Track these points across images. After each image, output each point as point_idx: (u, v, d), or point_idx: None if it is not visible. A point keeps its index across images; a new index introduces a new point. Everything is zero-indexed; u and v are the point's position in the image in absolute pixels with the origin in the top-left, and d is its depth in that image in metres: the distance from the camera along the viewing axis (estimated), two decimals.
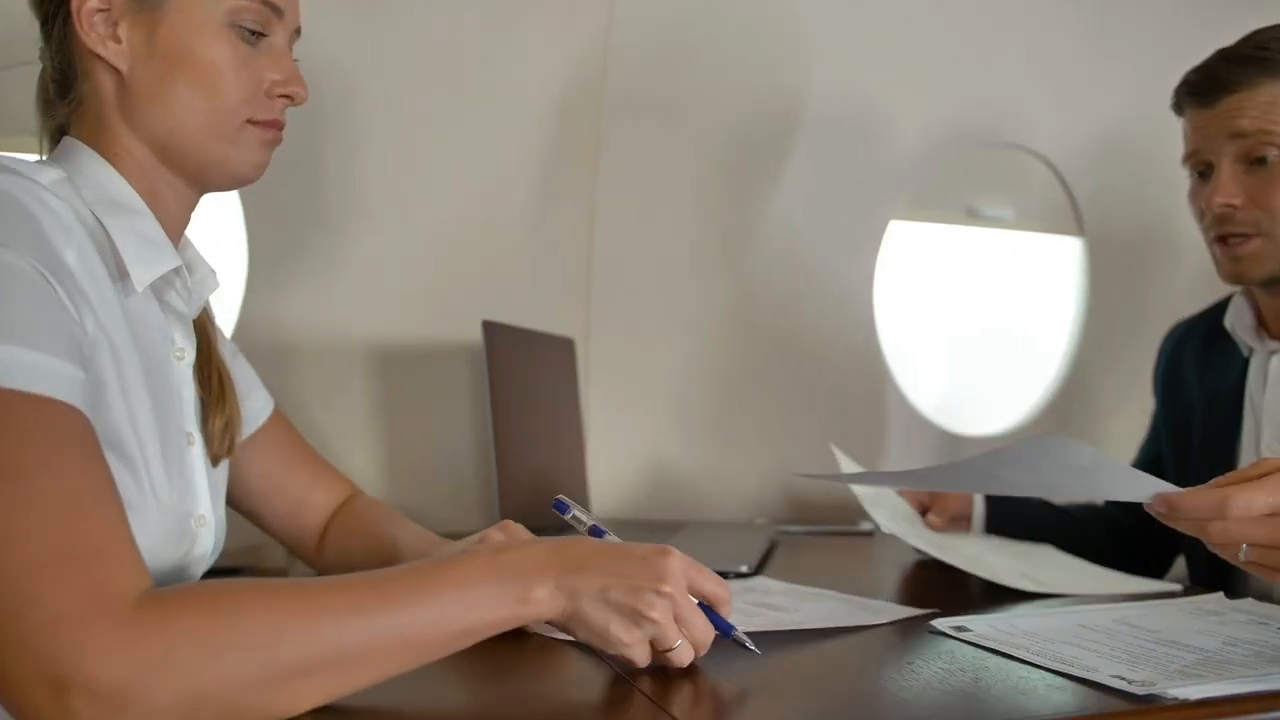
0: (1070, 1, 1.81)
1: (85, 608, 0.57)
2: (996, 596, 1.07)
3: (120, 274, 0.78)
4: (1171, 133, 1.69)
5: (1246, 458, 1.23)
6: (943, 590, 1.18)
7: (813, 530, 1.59)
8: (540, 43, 1.54)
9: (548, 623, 0.70)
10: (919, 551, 1.25)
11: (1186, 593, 1.08)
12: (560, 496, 0.86)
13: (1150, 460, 1.43)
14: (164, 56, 0.82)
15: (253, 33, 0.85)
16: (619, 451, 1.67)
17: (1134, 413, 1.94)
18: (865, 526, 1.63)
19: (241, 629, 0.59)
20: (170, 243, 0.84)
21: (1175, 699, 0.65)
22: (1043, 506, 1.40)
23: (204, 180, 0.87)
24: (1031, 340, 2.04)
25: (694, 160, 1.67)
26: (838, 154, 1.75)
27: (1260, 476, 0.77)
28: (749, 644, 0.75)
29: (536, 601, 0.67)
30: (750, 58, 1.66)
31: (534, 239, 1.60)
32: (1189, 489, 0.81)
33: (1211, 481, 0.80)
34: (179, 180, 0.86)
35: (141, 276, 0.79)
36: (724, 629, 0.74)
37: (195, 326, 0.90)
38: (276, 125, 0.88)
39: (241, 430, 0.95)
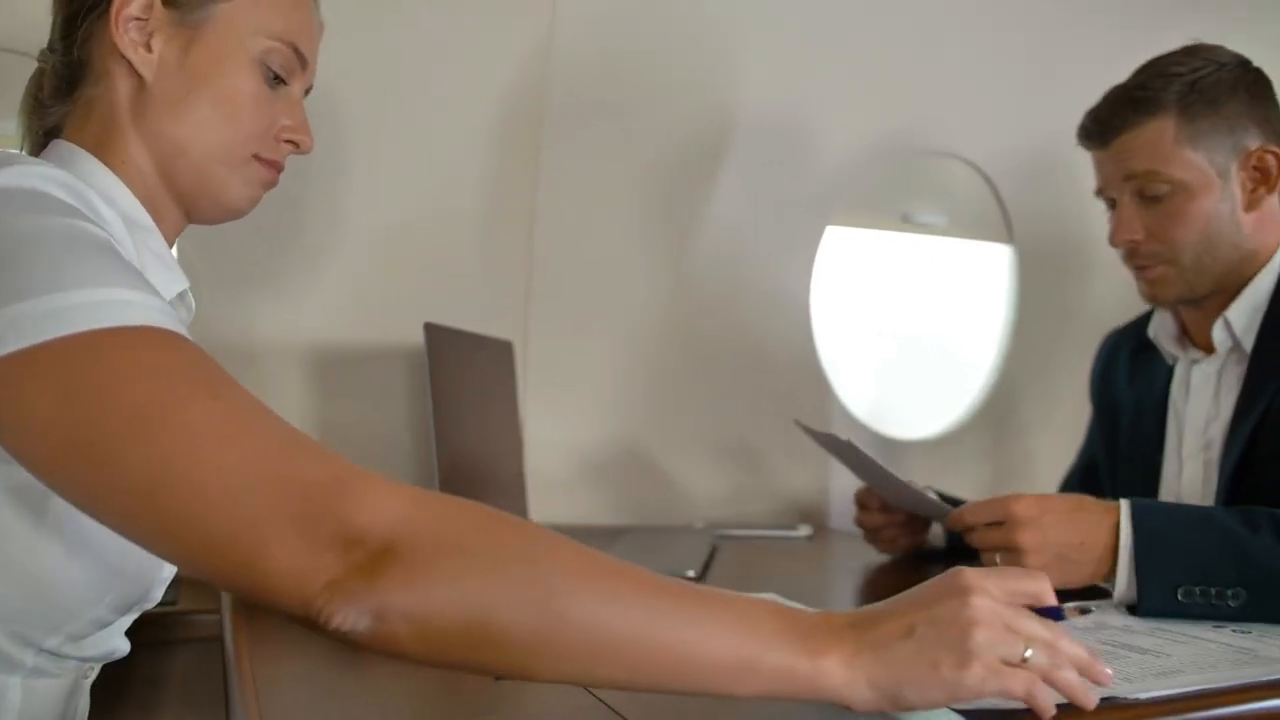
0: (1004, 17, 1.85)
1: (346, 473, 0.55)
2: None
3: None
4: None
5: (1170, 465, 1.27)
6: (880, 596, 1.19)
7: (751, 534, 1.59)
8: (482, 43, 1.51)
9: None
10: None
11: None
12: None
13: (1087, 466, 1.46)
14: (192, 73, 0.83)
15: (276, 77, 0.87)
16: (557, 456, 1.65)
17: (1058, 418, 1.99)
18: (802, 531, 1.65)
19: (516, 538, 0.57)
20: (178, 263, 0.84)
21: (1133, 700, 0.66)
22: None
23: (196, 205, 0.87)
24: (963, 345, 2.08)
25: (634, 164, 1.66)
26: (776, 160, 1.76)
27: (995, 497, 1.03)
28: (1090, 607, 0.73)
29: (827, 673, 0.57)
30: (691, 65, 1.66)
31: (473, 241, 1.57)
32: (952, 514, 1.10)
33: None
34: (172, 202, 0.86)
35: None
36: (1054, 615, 0.63)
37: None
38: (277, 168, 0.90)
39: None
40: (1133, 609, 0.95)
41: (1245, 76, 1.18)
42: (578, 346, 1.68)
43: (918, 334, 2.08)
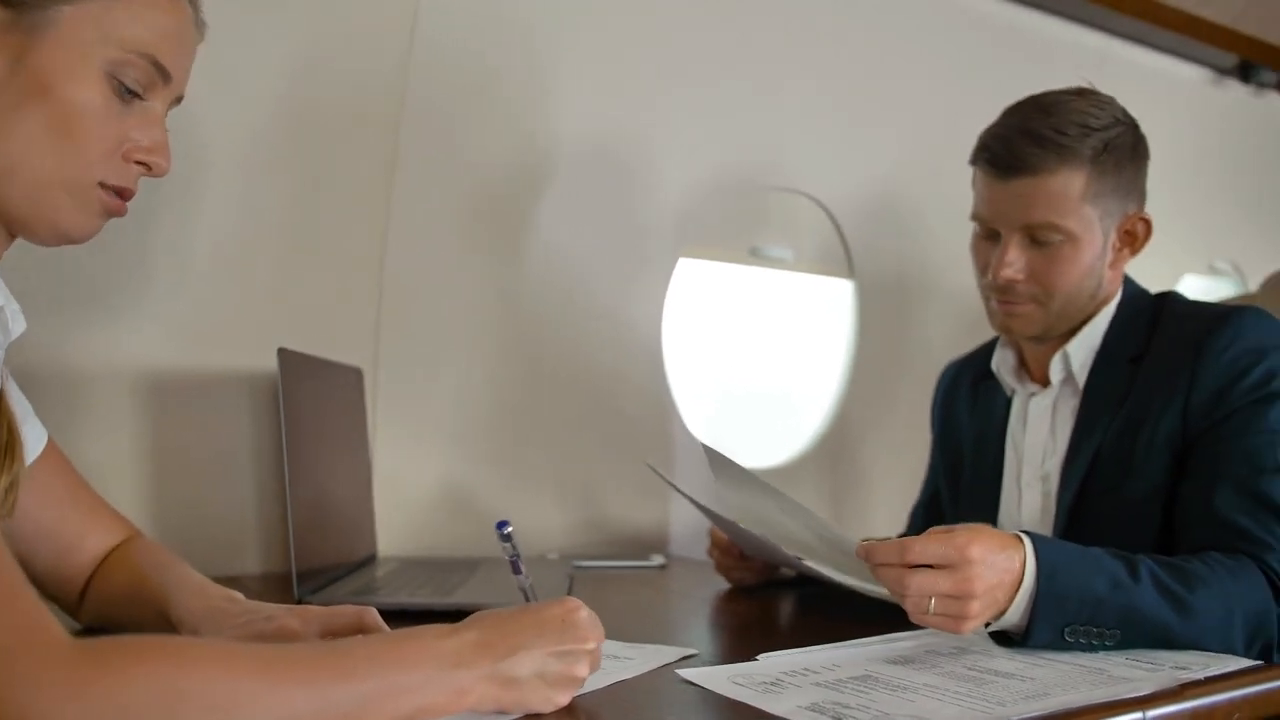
0: (845, 60, 1.92)
1: (28, 645, 0.50)
2: (819, 630, 1.09)
3: None
4: (934, 186, 1.81)
5: (1009, 494, 1.32)
6: (744, 625, 1.20)
7: (607, 565, 1.58)
8: (337, 62, 1.47)
9: None
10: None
11: None
12: (504, 521, 0.84)
13: (932, 496, 1.51)
14: (26, 84, 0.74)
15: (130, 91, 0.78)
16: (407, 486, 1.60)
17: (894, 447, 2.08)
18: (655, 560, 1.65)
19: (198, 685, 0.53)
20: None
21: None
22: None
23: (27, 227, 0.78)
24: (806, 377, 2.14)
25: (487, 189, 1.64)
26: (627, 193, 1.78)
27: (942, 533, 0.91)
28: None
29: (469, 692, 0.66)
30: (540, 97, 1.66)
31: (322, 264, 1.51)
32: (880, 543, 0.93)
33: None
34: None
35: None
36: None
37: None
38: (125, 194, 0.81)
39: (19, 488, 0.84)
40: (999, 636, 0.97)
41: (1140, 142, 1.22)
42: (428, 375, 1.63)
43: (763, 366, 2.13)
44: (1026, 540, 0.94)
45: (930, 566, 0.89)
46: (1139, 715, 0.74)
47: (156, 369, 1.37)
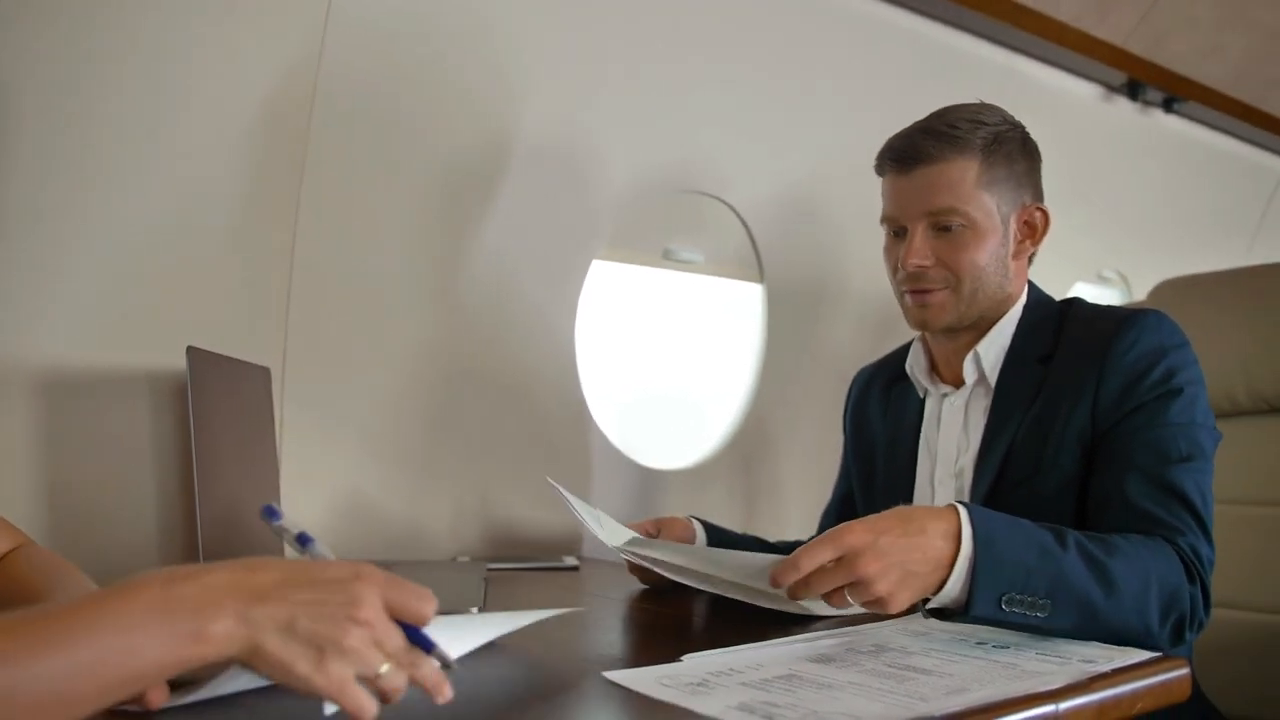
0: (761, 70, 1.94)
1: None
2: (749, 627, 1.09)
3: None
4: (845, 194, 1.84)
5: (921, 492, 1.36)
6: (660, 625, 1.20)
7: (521, 567, 1.57)
8: (247, 48, 1.42)
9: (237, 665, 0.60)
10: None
11: None
12: (270, 504, 0.74)
13: (843, 497, 1.54)
14: None
15: None
16: (315, 488, 1.56)
17: (802, 448, 2.11)
18: (569, 561, 1.64)
19: None
20: None
21: (932, 717, 0.70)
22: (755, 541, 1.48)
23: None
24: (719, 380, 2.15)
25: (401, 186, 1.61)
26: (546, 192, 1.77)
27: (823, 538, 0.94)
28: (450, 661, 0.67)
29: (213, 639, 0.57)
30: (465, 91, 1.64)
31: (227, 260, 1.47)
32: (780, 565, 0.95)
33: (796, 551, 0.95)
34: None
35: None
36: (425, 645, 0.66)
37: None
38: None
39: None
40: (938, 613, 1.00)
41: (1029, 141, 1.32)
42: (338, 375, 1.60)
43: (676, 368, 2.14)
44: (963, 512, 0.97)
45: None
46: (1052, 707, 0.77)
47: (51, 366, 1.31)
